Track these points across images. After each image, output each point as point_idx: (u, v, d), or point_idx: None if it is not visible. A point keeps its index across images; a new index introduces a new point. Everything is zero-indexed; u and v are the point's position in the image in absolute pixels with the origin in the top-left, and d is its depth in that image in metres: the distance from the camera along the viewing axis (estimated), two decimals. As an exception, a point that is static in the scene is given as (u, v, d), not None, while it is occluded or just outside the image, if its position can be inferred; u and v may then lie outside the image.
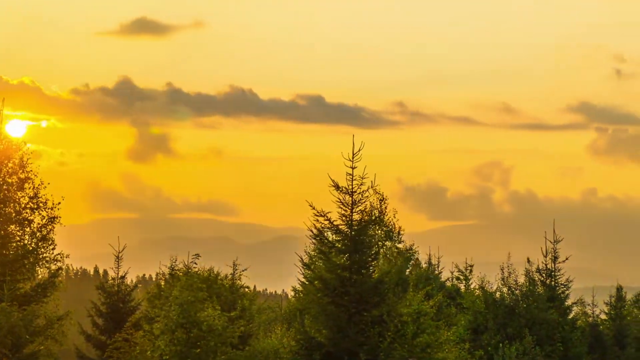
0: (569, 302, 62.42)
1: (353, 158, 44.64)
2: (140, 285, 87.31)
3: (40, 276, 52.66)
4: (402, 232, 63.75)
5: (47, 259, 51.73)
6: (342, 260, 44.82)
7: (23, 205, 51.49)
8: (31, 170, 51.98)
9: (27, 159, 51.94)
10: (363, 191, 44.86)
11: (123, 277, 62.97)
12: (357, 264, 44.84)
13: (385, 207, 62.85)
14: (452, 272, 74.66)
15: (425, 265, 71.48)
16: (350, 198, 44.91)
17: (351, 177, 44.83)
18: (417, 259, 69.52)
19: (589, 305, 72.71)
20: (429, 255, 73.99)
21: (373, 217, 59.01)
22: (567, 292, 62.24)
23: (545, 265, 61.89)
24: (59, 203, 52.29)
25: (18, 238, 51.45)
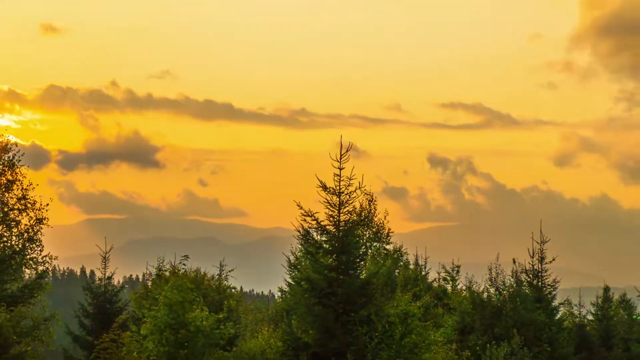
0: (555, 302, 62.40)
1: (341, 159, 44.39)
2: (127, 286, 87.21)
3: (27, 277, 52.48)
4: (391, 233, 63.92)
5: (35, 260, 51.53)
6: (330, 261, 44.68)
7: (11, 206, 51.29)
8: (19, 172, 51.73)
9: (18, 161, 51.71)
10: (350, 192, 44.67)
11: (110, 278, 62.84)
12: (345, 265, 44.71)
13: (375, 208, 63.00)
14: (438, 273, 74.68)
15: (413, 266, 71.45)
16: (338, 199, 44.75)
17: (339, 178, 44.60)
18: (407, 259, 69.58)
19: (575, 306, 72.95)
20: (416, 256, 74.00)
21: (362, 218, 59.12)
22: (554, 292, 62.21)
23: (532, 266, 61.87)
24: (47, 204, 52.11)
25: (5, 239, 51.27)
